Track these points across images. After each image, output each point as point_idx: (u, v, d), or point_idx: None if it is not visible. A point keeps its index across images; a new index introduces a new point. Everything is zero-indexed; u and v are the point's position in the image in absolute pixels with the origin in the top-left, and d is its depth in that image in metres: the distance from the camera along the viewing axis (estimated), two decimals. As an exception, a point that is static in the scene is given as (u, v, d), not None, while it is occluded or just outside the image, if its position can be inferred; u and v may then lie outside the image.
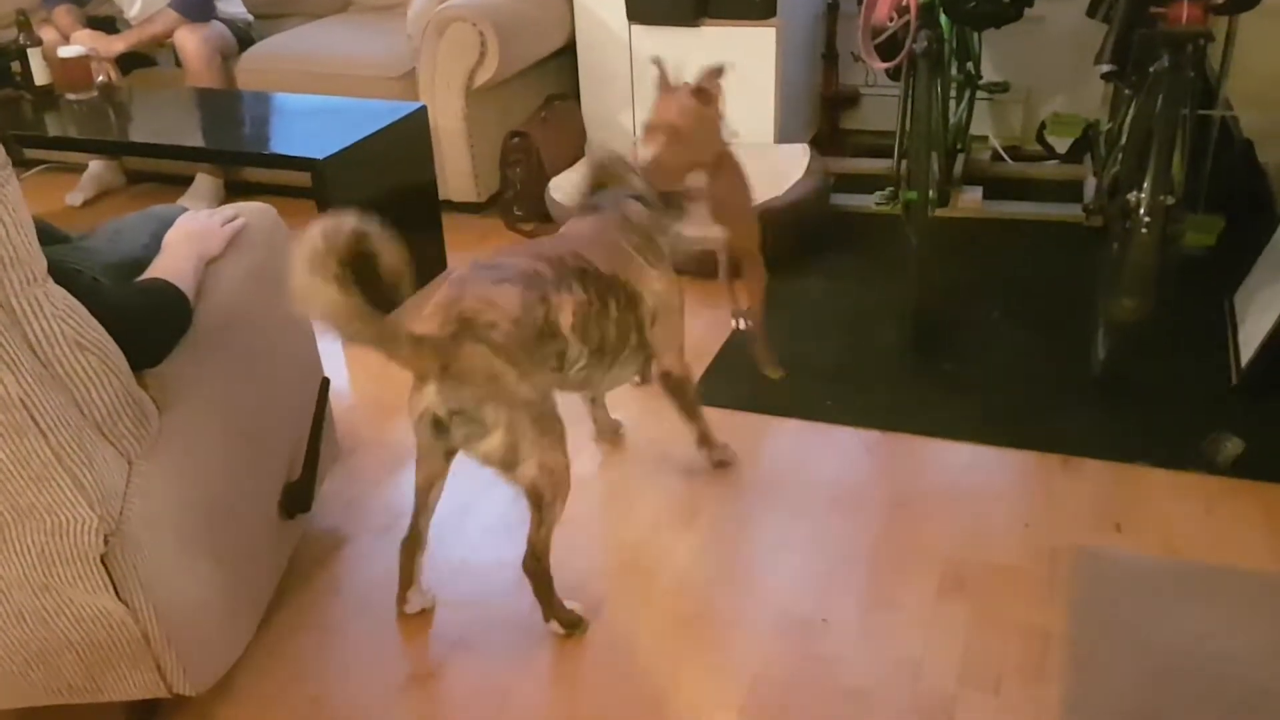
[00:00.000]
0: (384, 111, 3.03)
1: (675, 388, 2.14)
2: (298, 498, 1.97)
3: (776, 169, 3.32)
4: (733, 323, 2.83)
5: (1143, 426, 2.33)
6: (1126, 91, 2.70)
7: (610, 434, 2.40)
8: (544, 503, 1.74)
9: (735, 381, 2.60)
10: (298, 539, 2.06)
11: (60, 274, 1.43)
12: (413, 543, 1.90)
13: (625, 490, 2.26)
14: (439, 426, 1.66)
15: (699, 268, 2.82)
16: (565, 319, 1.78)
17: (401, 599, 1.93)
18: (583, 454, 2.35)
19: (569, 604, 1.87)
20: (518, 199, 3.43)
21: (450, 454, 1.79)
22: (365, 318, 1.49)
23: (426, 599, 1.94)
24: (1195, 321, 2.71)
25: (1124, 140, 2.58)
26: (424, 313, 1.71)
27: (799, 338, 2.77)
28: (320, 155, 2.73)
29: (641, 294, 1.96)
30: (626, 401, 2.47)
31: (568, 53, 3.71)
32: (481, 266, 1.77)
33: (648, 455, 2.35)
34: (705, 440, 2.26)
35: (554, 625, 1.86)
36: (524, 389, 1.66)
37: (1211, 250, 3.00)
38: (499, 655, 1.86)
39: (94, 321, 1.44)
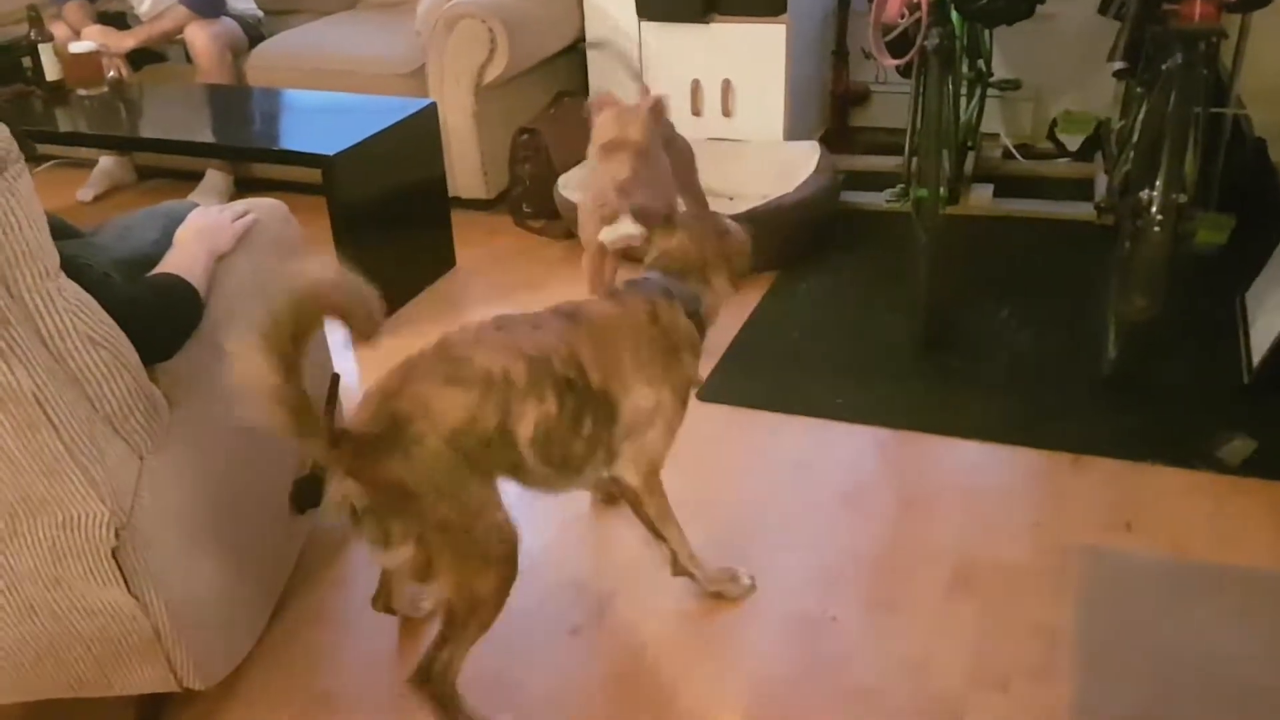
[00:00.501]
0: (394, 108, 3.03)
1: (635, 503, 1.86)
2: (307, 493, 1.97)
3: (786, 166, 3.32)
4: None
5: (1153, 425, 2.33)
6: (1138, 89, 2.69)
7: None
8: (456, 622, 1.54)
9: (744, 378, 2.59)
10: (307, 534, 2.07)
11: (72, 269, 1.43)
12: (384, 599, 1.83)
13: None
14: (354, 516, 1.49)
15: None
16: (525, 431, 1.57)
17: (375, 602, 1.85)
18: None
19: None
20: (526, 196, 3.43)
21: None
22: (295, 410, 1.34)
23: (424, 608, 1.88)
24: (1206, 320, 2.70)
25: (1136, 138, 2.57)
26: (361, 396, 1.55)
27: (808, 335, 2.77)
28: (330, 151, 2.73)
29: (622, 410, 1.71)
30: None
31: (577, 49, 3.71)
32: (446, 357, 1.57)
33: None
34: (680, 564, 1.90)
35: None
36: (443, 509, 1.48)
37: (1223, 249, 2.99)
38: (506, 651, 1.86)
39: (106, 316, 1.44)
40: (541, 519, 2.16)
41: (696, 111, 3.56)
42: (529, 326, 1.66)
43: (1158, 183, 2.19)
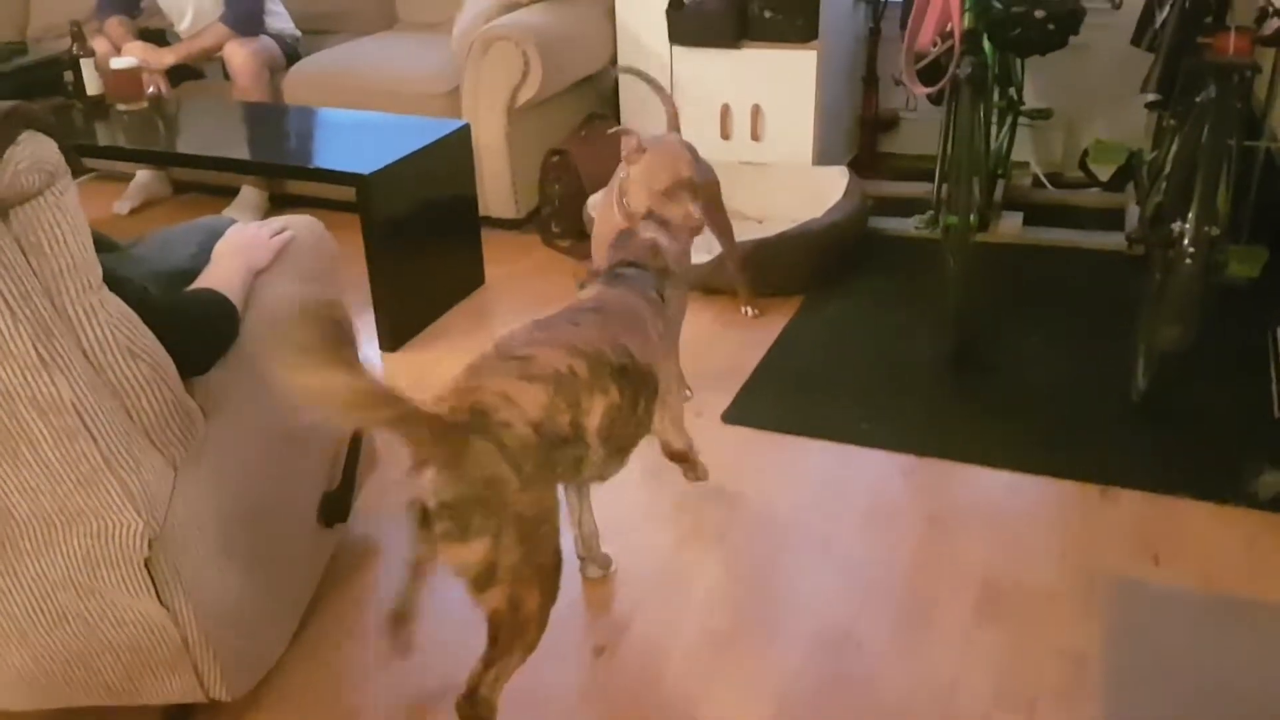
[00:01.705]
0: (428, 128, 3.07)
1: (683, 459, 2.11)
2: (336, 507, 1.99)
3: (815, 190, 3.33)
4: (743, 310, 2.99)
5: (1183, 457, 2.31)
6: (1171, 121, 2.69)
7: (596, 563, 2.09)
8: (500, 638, 1.53)
9: (769, 402, 2.60)
10: (334, 547, 2.08)
11: (112, 282, 1.45)
12: (401, 616, 1.80)
13: (656, 505, 2.27)
14: (424, 518, 1.47)
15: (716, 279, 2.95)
16: (593, 423, 1.61)
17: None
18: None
19: None
20: (556, 216, 3.45)
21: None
22: (384, 401, 1.34)
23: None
24: (1237, 352, 2.68)
25: (1168, 169, 2.57)
26: (436, 395, 1.55)
27: (835, 359, 2.77)
28: (366, 170, 2.76)
29: (659, 380, 1.83)
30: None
31: (608, 73, 3.74)
32: (509, 356, 1.59)
33: (678, 474, 2.35)
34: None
35: None
36: (523, 502, 1.48)
37: (1255, 282, 2.97)
38: (532, 666, 1.86)
39: (146, 329, 1.46)
40: (562, 538, 2.17)
41: (726, 135, 3.58)
42: (569, 324, 1.70)
43: (1190, 215, 2.19)
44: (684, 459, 2.12)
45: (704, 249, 2.95)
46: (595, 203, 3.30)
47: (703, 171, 2.73)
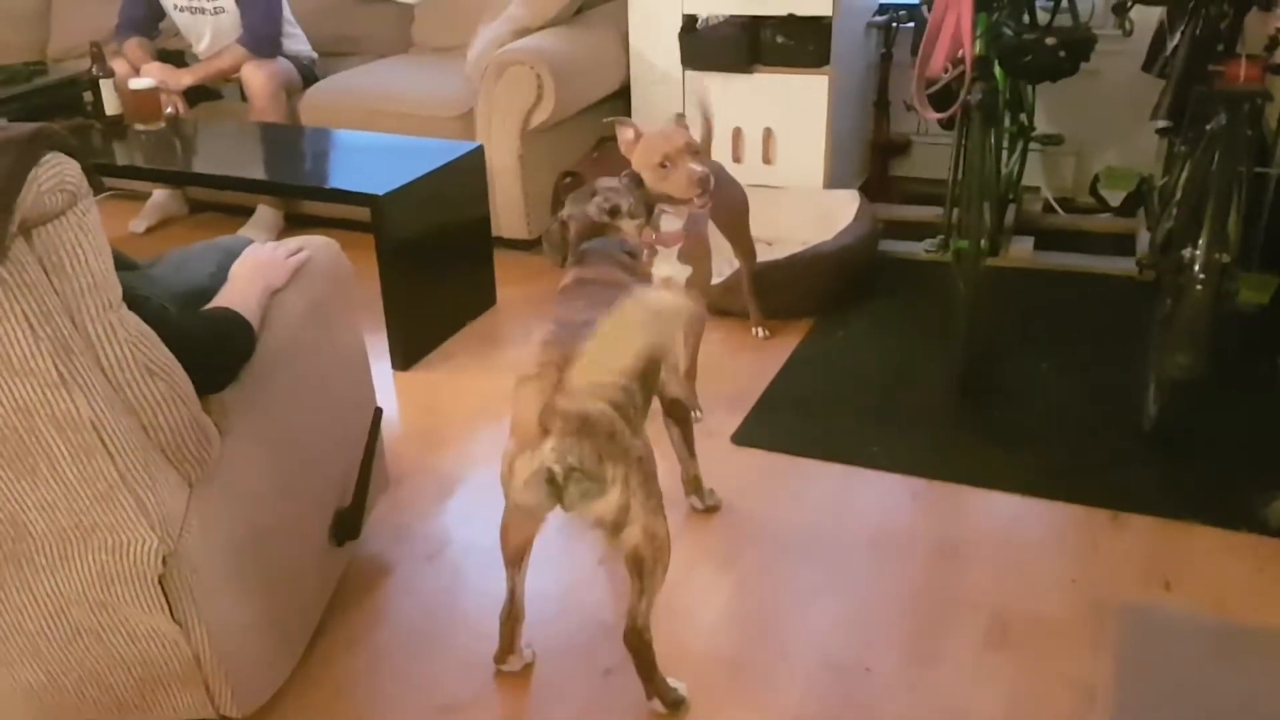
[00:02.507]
0: (442, 150, 3.09)
1: (682, 413, 2.21)
2: (348, 525, 2.00)
3: (826, 214, 3.34)
4: (754, 331, 3.00)
5: (1193, 484, 2.31)
6: (1181, 147, 2.70)
7: None
8: (645, 569, 1.67)
9: (779, 424, 2.60)
10: (345, 565, 2.09)
11: (130, 300, 1.47)
12: (514, 616, 1.86)
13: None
14: (553, 485, 1.58)
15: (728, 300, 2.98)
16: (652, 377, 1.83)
17: (501, 659, 1.89)
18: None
19: (672, 682, 1.79)
20: (568, 237, 3.47)
21: (544, 517, 1.74)
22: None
23: (526, 655, 1.91)
24: (1248, 379, 2.68)
25: (1178, 196, 2.58)
26: (530, 367, 1.65)
27: (845, 382, 2.77)
28: (380, 191, 2.79)
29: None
30: (664, 443, 2.48)
31: (622, 95, 3.77)
32: (573, 325, 1.71)
33: (685, 492, 2.35)
34: (697, 484, 2.28)
35: (655, 704, 1.78)
36: (636, 445, 1.63)
37: (1265, 309, 2.97)
38: (539, 686, 1.87)
39: (164, 348, 1.48)
40: (572, 559, 2.18)
41: (738, 158, 3.60)
42: (593, 301, 1.80)
43: (1201, 241, 2.19)
44: (686, 417, 2.22)
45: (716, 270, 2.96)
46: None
47: (733, 190, 2.75)
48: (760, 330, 3.00)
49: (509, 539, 1.80)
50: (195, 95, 3.83)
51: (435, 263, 3.03)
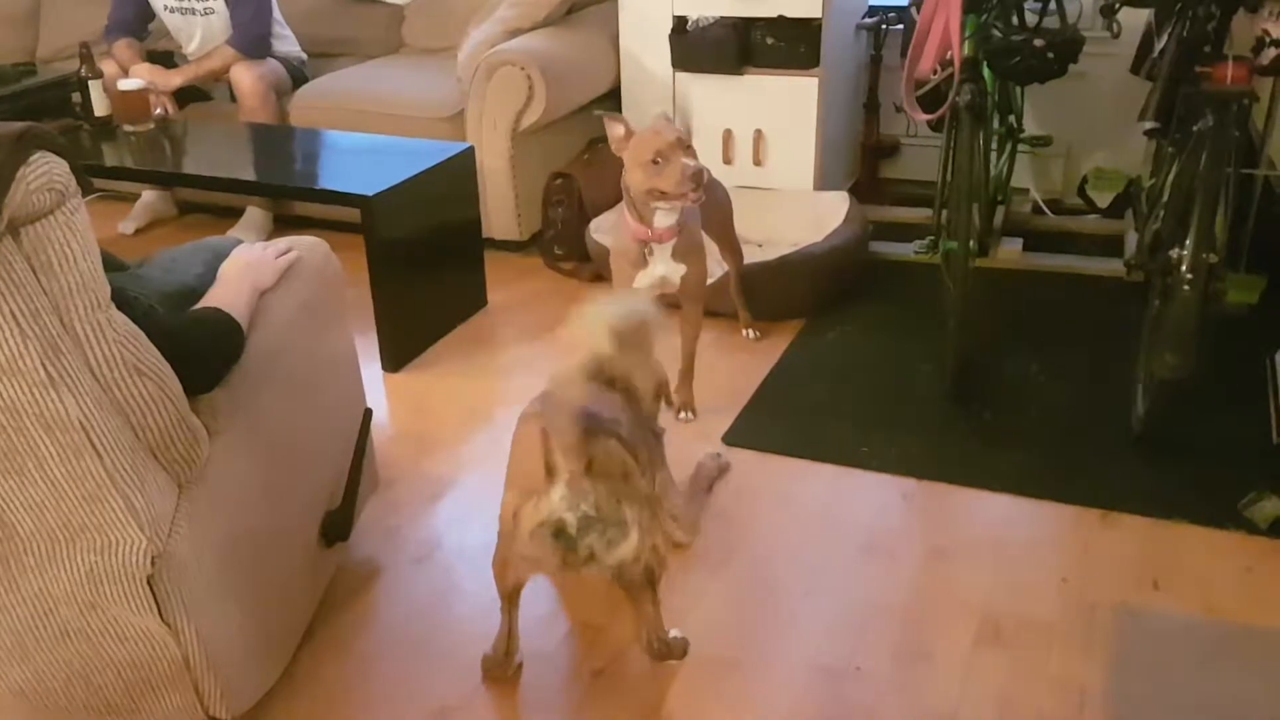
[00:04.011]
0: (433, 151, 3.09)
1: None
2: (338, 526, 2.00)
3: (816, 215, 3.35)
4: (744, 333, 2.99)
5: (1182, 483, 2.32)
6: (1169, 149, 2.71)
7: None
8: (655, 581, 1.71)
9: (770, 425, 2.60)
10: (335, 567, 2.09)
11: (120, 300, 1.47)
12: (510, 652, 1.83)
13: (659, 531, 2.27)
14: (561, 536, 1.50)
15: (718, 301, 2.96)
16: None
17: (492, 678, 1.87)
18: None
19: (674, 632, 1.86)
20: (558, 238, 3.47)
21: (551, 569, 1.65)
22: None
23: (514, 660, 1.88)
24: (1236, 380, 2.69)
25: (1166, 197, 2.59)
26: (533, 406, 1.64)
27: (835, 383, 2.78)
28: (370, 192, 2.78)
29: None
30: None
31: (612, 97, 3.77)
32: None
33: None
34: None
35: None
36: (645, 484, 1.60)
37: (1253, 309, 2.99)
38: (528, 691, 1.86)
39: (152, 348, 1.47)
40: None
41: (728, 160, 3.60)
42: None
43: (1188, 242, 2.20)
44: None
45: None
46: (599, 225, 3.32)
47: (717, 192, 2.76)
48: (750, 332, 3.00)
49: (508, 578, 1.74)
50: (184, 96, 3.82)
51: (425, 264, 3.02)
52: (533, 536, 1.50)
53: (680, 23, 3.55)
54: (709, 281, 3.01)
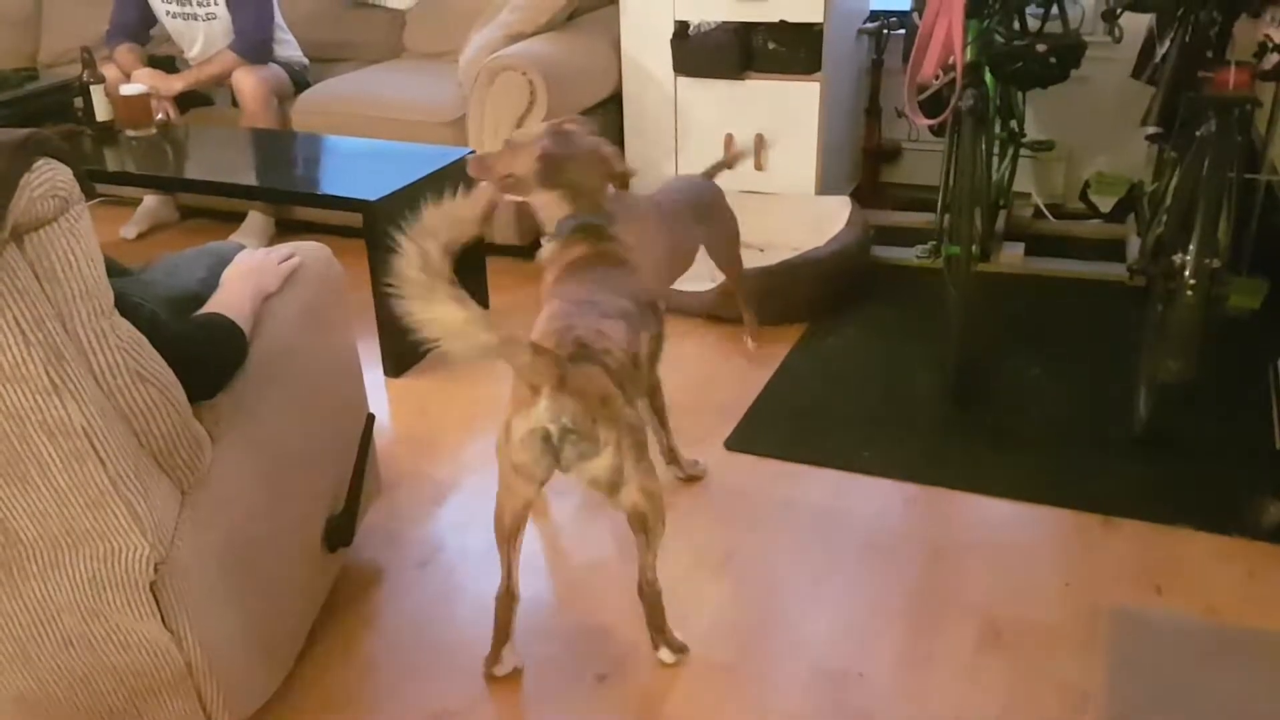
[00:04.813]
0: (434, 156, 3.09)
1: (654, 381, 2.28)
2: (340, 531, 2.00)
3: (818, 220, 3.35)
4: (746, 342, 2.93)
5: (1184, 488, 2.32)
6: (1171, 153, 2.71)
7: None
8: (647, 525, 1.79)
9: (772, 430, 2.60)
10: (337, 572, 2.09)
11: (122, 306, 1.47)
12: (509, 596, 1.86)
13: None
14: (547, 443, 1.67)
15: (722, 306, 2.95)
16: (644, 351, 1.90)
17: (494, 659, 1.88)
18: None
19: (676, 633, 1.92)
20: (560, 243, 3.47)
21: (544, 480, 1.75)
22: (487, 328, 1.55)
23: (517, 658, 1.90)
24: (1238, 384, 2.69)
25: (1169, 202, 2.59)
26: (534, 336, 1.73)
27: (837, 387, 2.78)
28: (372, 197, 2.79)
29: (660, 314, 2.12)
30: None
31: (614, 102, 3.77)
32: (581, 302, 1.82)
33: (680, 501, 2.35)
34: (674, 455, 2.38)
35: (663, 652, 1.90)
36: (629, 413, 1.72)
37: (1255, 314, 2.99)
38: (532, 693, 1.86)
39: (155, 354, 1.47)
40: (566, 563, 2.17)
41: (729, 164, 3.60)
42: (605, 283, 1.90)
43: (1191, 246, 2.20)
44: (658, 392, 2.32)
45: (707, 278, 2.97)
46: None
47: (726, 223, 2.73)
48: (751, 341, 2.97)
49: (505, 513, 1.81)
50: (186, 101, 3.82)
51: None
52: (523, 442, 1.67)
53: (682, 27, 3.56)
54: (711, 286, 3.02)
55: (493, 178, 2.10)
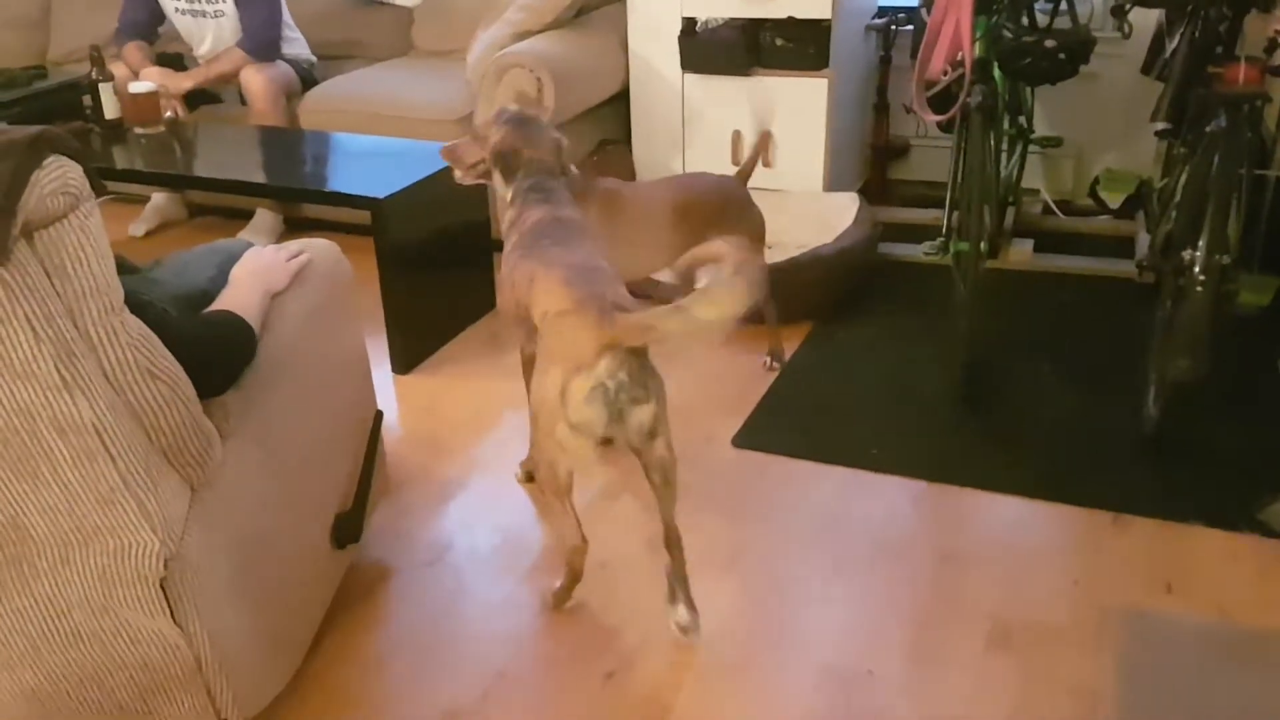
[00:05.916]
0: (442, 153, 3.09)
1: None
2: (348, 528, 2.00)
3: (825, 217, 3.34)
4: (763, 361, 2.89)
5: (1194, 486, 2.31)
6: (1181, 149, 2.70)
7: None
8: (668, 479, 1.90)
9: (779, 427, 2.60)
10: (346, 569, 2.09)
11: (132, 304, 1.47)
12: (584, 543, 1.99)
13: (669, 533, 2.27)
14: (608, 397, 1.76)
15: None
16: None
17: (567, 597, 2.05)
18: (623, 495, 2.36)
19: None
20: (568, 240, 3.47)
21: (600, 436, 1.82)
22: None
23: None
24: (1248, 381, 2.68)
25: (1178, 198, 2.58)
26: (564, 304, 1.79)
27: (844, 385, 2.77)
28: (381, 195, 2.79)
29: None
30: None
31: (621, 99, 3.77)
32: (582, 268, 1.88)
33: (688, 500, 2.35)
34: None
35: (680, 612, 1.95)
36: (659, 372, 1.84)
37: (1266, 310, 2.98)
38: (538, 692, 1.87)
39: (166, 351, 1.48)
40: (577, 562, 2.18)
41: (737, 161, 3.59)
42: (574, 243, 1.98)
43: (1201, 243, 2.20)
44: None
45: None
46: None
47: (750, 220, 2.73)
48: (769, 360, 2.88)
49: (559, 473, 1.89)
50: (195, 99, 3.83)
51: (435, 266, 3.03)
52: (587, 400, 1.76)
53: (689, 24, 3.55)
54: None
55: (463, 166, 2.29)
